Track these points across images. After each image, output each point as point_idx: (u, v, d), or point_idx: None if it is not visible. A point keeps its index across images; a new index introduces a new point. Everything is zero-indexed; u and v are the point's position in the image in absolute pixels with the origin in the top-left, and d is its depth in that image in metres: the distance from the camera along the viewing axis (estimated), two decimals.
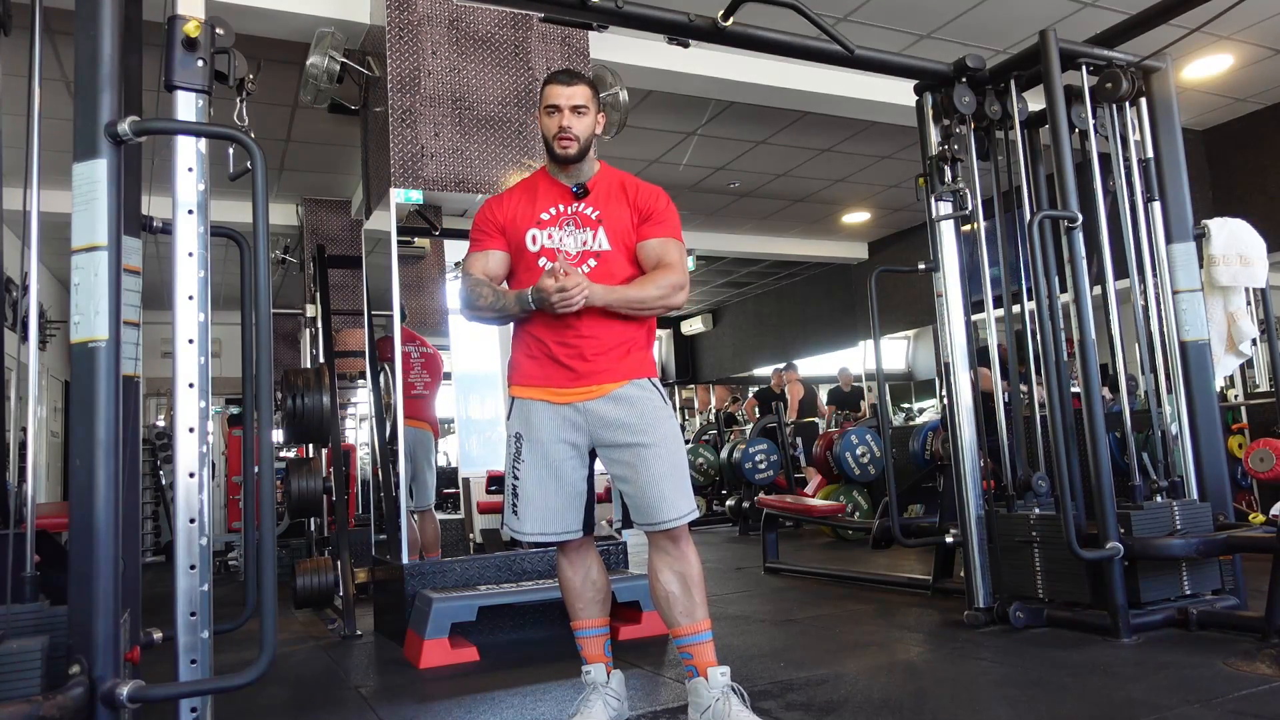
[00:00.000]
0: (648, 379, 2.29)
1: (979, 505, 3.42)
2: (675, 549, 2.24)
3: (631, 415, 2.22)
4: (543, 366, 2.27)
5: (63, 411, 9.13)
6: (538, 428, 2.25)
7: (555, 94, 2.26)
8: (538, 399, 2.27)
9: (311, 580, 4.15)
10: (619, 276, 2.27)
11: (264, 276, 1.96)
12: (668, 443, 2.23)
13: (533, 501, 2.24)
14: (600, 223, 2.29)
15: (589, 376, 2.23)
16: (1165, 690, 2.36)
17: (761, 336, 13.34)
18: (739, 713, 2.10)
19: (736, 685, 2.17)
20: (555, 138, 2.26)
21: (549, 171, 2.37)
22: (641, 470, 2.19)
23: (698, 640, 2.19)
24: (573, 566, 2.33)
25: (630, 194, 2.33)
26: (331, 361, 4.91)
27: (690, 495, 2.25)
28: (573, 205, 2.30)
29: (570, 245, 2.28)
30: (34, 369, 2.27)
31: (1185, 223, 3.48)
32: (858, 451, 6.61)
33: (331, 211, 7.27)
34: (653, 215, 2.31)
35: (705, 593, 2.25)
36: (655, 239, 2.30)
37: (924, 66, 3.55)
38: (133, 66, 2.20)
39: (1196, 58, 5.97)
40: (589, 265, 2.26)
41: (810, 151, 7.43)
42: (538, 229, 2.29)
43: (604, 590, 2.35)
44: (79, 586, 1.62)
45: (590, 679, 2.28)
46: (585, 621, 2.33)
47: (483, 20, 4.13)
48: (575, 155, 2.27)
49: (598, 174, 2.36)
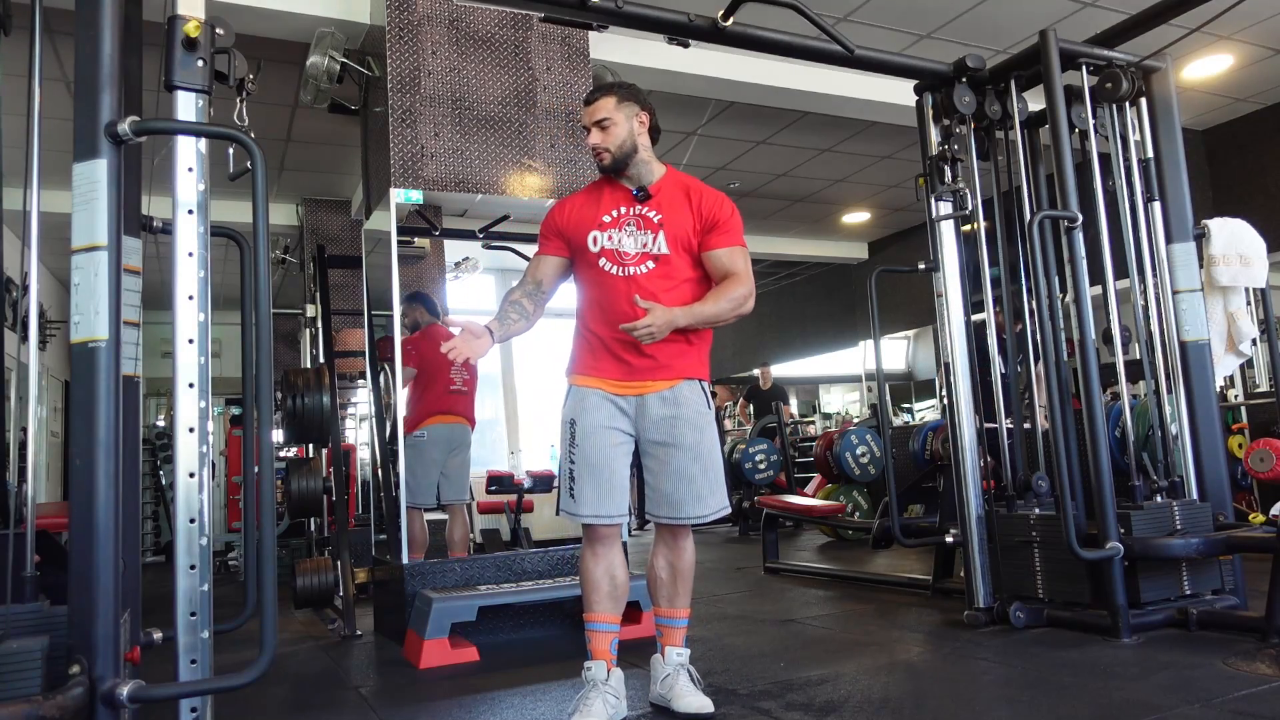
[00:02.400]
0: (699, 381, 2.41)
1: (979, 505, 3.42)
2: (675, 542, 2.42)
3: (678, 417, 2.34)
4: (599, 360, 2.38)
5: (63, 411, 9.13)
6: (591, 414, 2.35)
7: (585, 115, 2.40)
8: (594, 388, 2.37)
9: (311, 580, 4.15)
10: (677, 278, 2.37)
11: (264, 276, 1.96)
12: (704, 447, 2.36)
13: (588, 485, 2.32)
14: (661, 226, 2.36)
15: (644, 373, 2.35)
16: (1165, 690, 2.36)
17: (761, 336, 13.33)
18: (685, 687, 2.34)
19: (691, 668, 2.39)
20: (593, 154, 2.39)
21: (611, 177, 2.46)
22: (675, 469, 2.33)
23: (672, 624, 2.42)
24: (596, 558, 2.37)
25: (695, 200, 2.40)
26: (331, 361, 4.91)
27: (722, 492, 2.40)
28: (635, 208, 2.39)
29: (629, 246, 2.36)
30: (34, 369, 2.27)
31: (1185, 223, 3.48)
32: (858, 451, 6.61)
33: (331, 211, 7.27)
34: (719, 224, 2.39)
35: (691, 586, 2.43)
36: (723, 249, 2.39)
37: (924, 66, 3.55)
38: (133, 66, 2.20)
39: (1196, 58, 5.97)
40: (648, 266, 2.35)
41: (810, 151, 7.43)
42: (599, 230, 2.38)
43: (622, 588, 2.40)
44: (79, 586, 1.62)
45: (591, 675, 2.32)
46: (598, 615, 2.37)
47: (483, 20, 4.13)
48: (611, 165, 2.38)
49: (663, 177, 2.44)
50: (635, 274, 2.33)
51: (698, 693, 2.34)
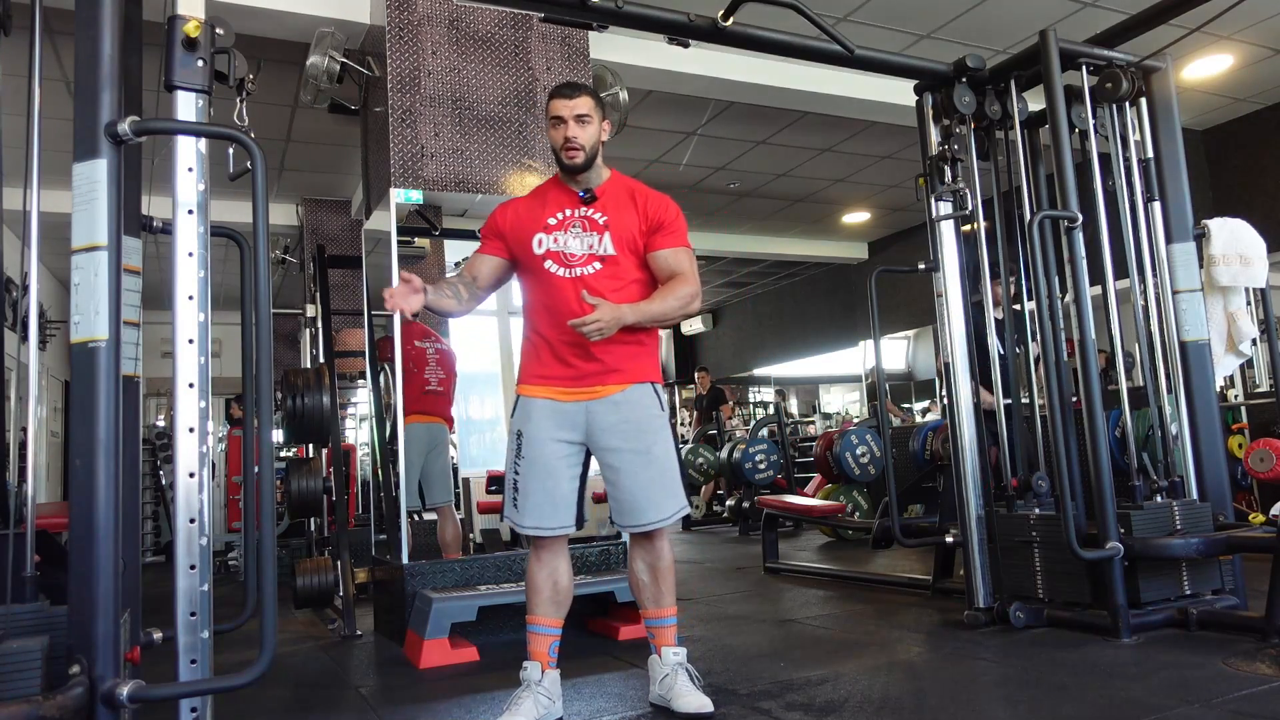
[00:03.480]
0: (650, 384, 2.40)
1: (979, 505, 3.42)
2: (650, 545, 2.43)
3: (628, 422, 2.34)
4: (548, 367, 2.38)
5: (63, 411, 9.13)
6: (538, 426, 2.36)
7: (558, 106, 2.36)
8: (541, 397, 2.38)
9: (311, 580, 4.14)
10: (624, 279, 2.37)
11: (264, 276, 1.96)
12: (658, 450, 2.35)
13: (532, 496, 2.34)
14: (607, 228, 2.37)
15: (593, 377, 2.35)
16: (1165, 690, 2.36)
17: (761, 336, 13.34)
18: (684, 686, 2.34)
19: (689, 666, 2.40)
20: (562, 148, 2.36)
21: (560, 179, 2.47)
22: (629, 476, 2.33)
23: (661, 623, 2.44)
24: (541, 564, 2.40)
25: (640, 202, 2.41)
26: (331, 361, 4.91)
27: (680, 495, 2.39)
28: (580, 210, 2.39)
29: (576, 248, 2.36)
30: (34, 369, 2.27)
31: (1185, 223, 3.48)
32: (858, 451, 6.61)
33: (331, 211, 7.27)
34: (664, 225, 2.41)
35: (673, 583, 2.45)
36: (668, 249, 2.41)
37: (924, 66, 3.55)
38: (133, 66, 2.20)
39: (1196, 58, 5.97)
40: (594, 267, 2.36)
41: (810, 151, 7.43)
42: (544, 233, 2.38)
43: (565, 593, 2.42)
44: (79, 586, 1.62)
45: (525, 675, 2.34)
46: (539, 618, 2.39)
47: (483, 20, 4.13)
48: (582, 164, 2.37)
49: (607, 180, 2.45)
50: (582, 275, 2.34)
51: (697, 692, 2.34)
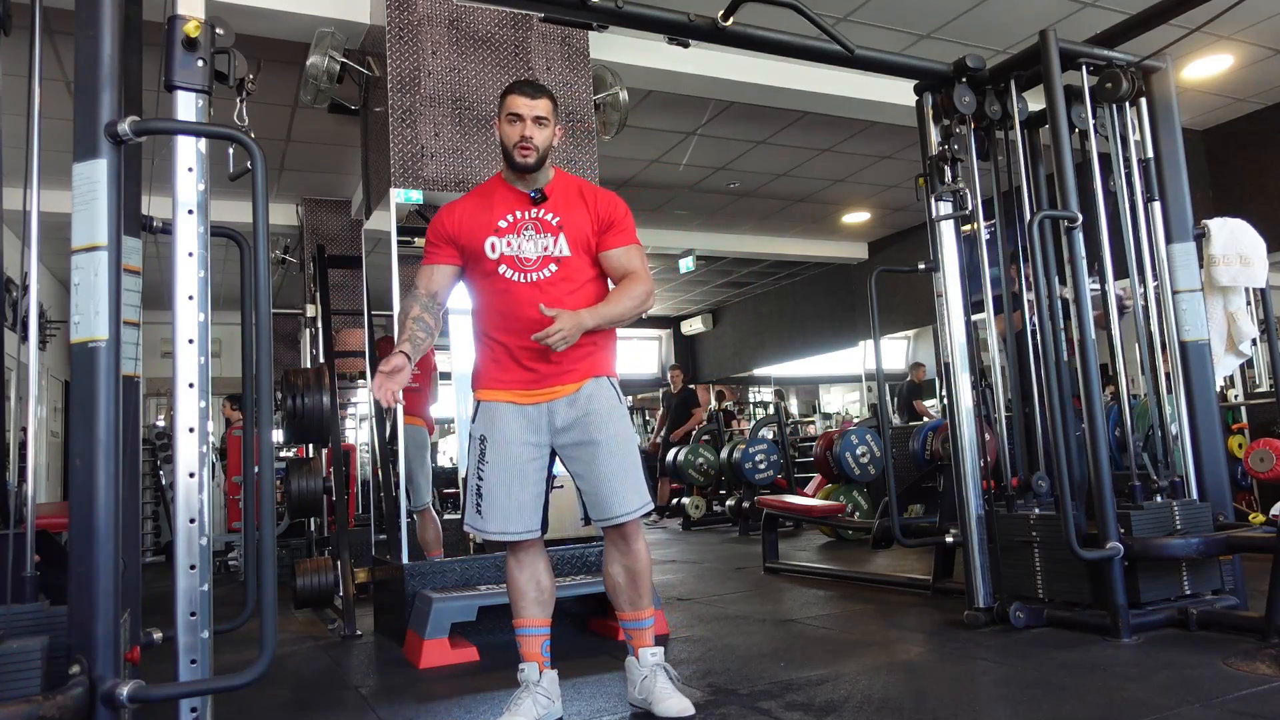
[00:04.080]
0: (606, 378, 2.40)
1: (979, 505, 3.41)
2: (626, 545, 2.39)
3: (588, 414, 2.34)
4: (506, 370, 2.36)
5: (63, 411, 9.12)
6: (501, 429, 2.35)
7: (518, 104, 2.33)
8: (502, 401, 2.36)
9: (311, 580, 4.15)
10: (579, 280, 2.36)
11: (264, 276, 1.95)
12: (618, 441, 2.34)
13: (496, 501, 2.33)
14: (561, 229, 2.35)
15: (551, 378, 2.34)
16: (1165, 690, 2.36)
17: (761, 336, 13.34)
18: (663, 687, 2.33)
19: (667, 665, 2.39)
20: (516, 146, 2.32)
21: (505, 179, 2.42)
22: (594, 467, 2.32)
23: (638, 625, 2.41)
24: (520, 567, 2.40)
25: (589, 201, 2.40)
26: (331, 361, 4.91)
27: (643, 491, 2.37)
28: (531, 211, 2.36)
29: (530, 251, 2.34)
30: (34, 369, 2.27)
31: (1185, 223, 3.48)
32: (858, 451, 6.61)
33: (331, 211, 7.27)
34: (614, 224, 2.40)
35: (650, 585, 2.44)
36: (620, 248, 2.40)
37: (924, 66, 3.55)
38: (133, 66, 2.20)
39: (1196, 58, 5.97)
40: (550, 270, 2.34)
41: (810, 151, 7.43)
42: (496, 236, 2.34)
43: (548, 592, 2.42)
44: (79, 586, 1.62)
45: (523, 677, 2.34)
46: (526, 620, 2.39)
47: (483, 20, 4.13)
48: (534, 164, 2.34)
49: (553, 180, 2.42)
50: (539, 279, 2.32)
51: (677, 693, 2.33)
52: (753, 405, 14.37)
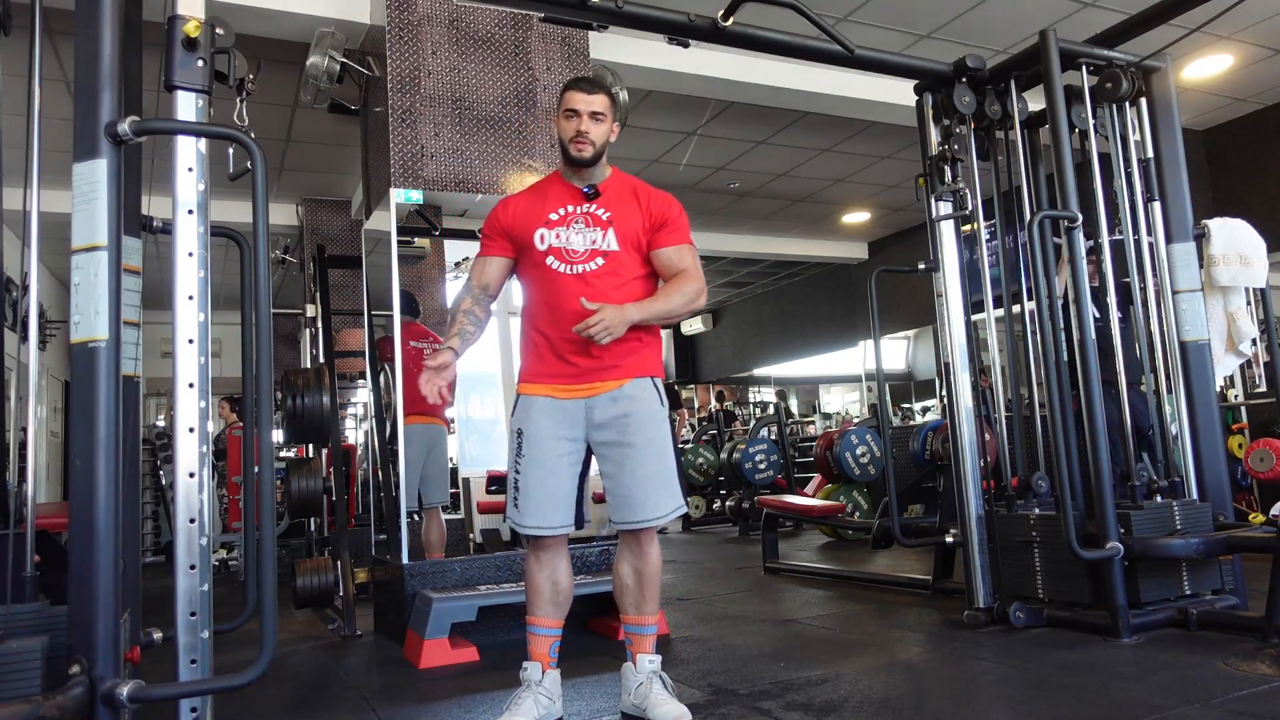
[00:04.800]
0: (650, 379, 2.38)
1: (979, 505, 3.41)
2: (639, 547, 2.38)
3: (628, 416, 2.31)
4: (548, 364, 2.35)
5: (63, 411, 9.12)
6: (538, 424, 2.33)
7: (575, 99, 2.35)
8: (541, 395, 2.35)
9: (311, 580, 4.15)
10: (626, 276, 2.36)
11: (264, 276, 1.96)
12: (655, 446, 2.32)
13: (533, 496, 2.30)
14: (611, 224, 2.36)
15: (594, 374, 2.32)
16: (1165, 690, 2.36)
17: (761, 336, 13.33)
18: (660, 695, 2.29)
19: (663, 674, 2.35)
20: (572, 140, 2.34)
21: (562, 174, 2.45)
22: (625, 469, 2.30)
23: (640, 630, 2.39)
24: (540, 565, 2.37)
25: (643, 200, 2.41)
26: (331, 361, 4.91)
27: (677, 494, 2.35)
28: (583, 206, 2.37)
29: (578, 244, 2.34)
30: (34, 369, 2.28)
31: (1185, 223, 3.48)
32: (858, 451, 6.61)
33: (331, 211, 7.27)
34: (667, 223, 2.41)
35: (658, 591, 2.40)
36: (671, 247, 2.41)
37: (924, 66, 3.55)
38: (133, 66, 2.20)
39: (1196, 58, 5.97)
40: (596, 264, 2.34)
41: (810, 151, 7.42)
42: (546, 228, 2.36)
43: (565, 594, 2.39)
44: (79, 586, 1.62)
45: (526, 676, 2.33)
46: (540, 619, 2.36)
47: (483, 20, 4.13)
48: (590, 159, 2.35)
49: (609, 178, 2.44)
50: (584, 271, 2.32)
51: (673, 700, 2.29)
52: (753, 405, 14.36)
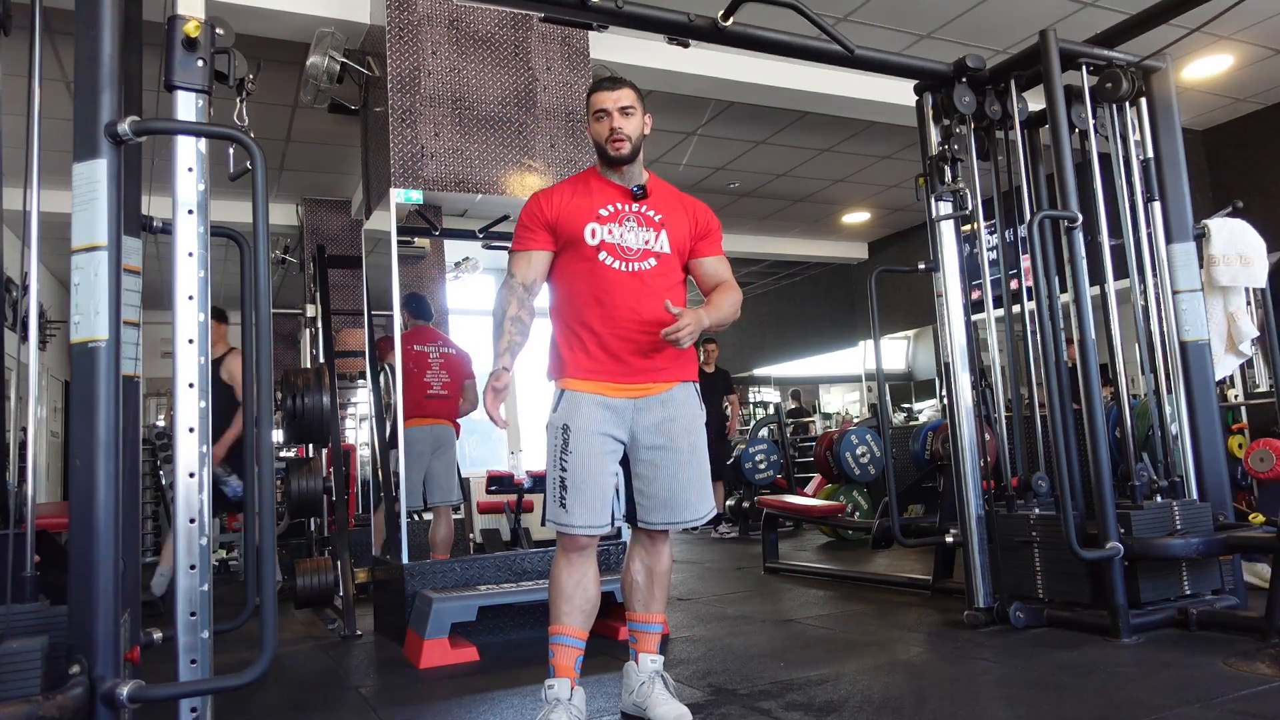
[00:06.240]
0: (692, 384, 2.40)
1: (979, 505, 3.41)
2: (655, 547, 2.38)
3: (673, 420, 2.32)
4: (596, 360, 2.30)
5: (63, 411, 9.13)
6: (588, 418, 2.26)
7: (602, 99, 2.33)
8: (590, 392, 2.29)
9: (311, 580, 4.14)
10: (673, 279, 2.39)
11: (264, 276, 1.95)
12: (696, 450, 2.35)
13: (584, 494, 2.21)
14: (663, 226, 2.37)
15: (643, 374, 2.31)
16: (1165, 690, 2.36)
17: (761, 336, 13.34)
18: (661, 695, 2.28)
19: (665, 674, 2.34)
20: (608, 140, 2.32)
21: (600, 172, 2.41)
22: (668, 473, 2.30)
23: (646, 629, 2.38)
24: (572, 569, 2.26)
25: (688, 208, 2.44)
26: (331, 361, 4.91)
27: (709, 497, 2.38)
28: (633, 205, 2.36)
29: (632, 242, 2.33)
30: (34, 369, 2.27)
31: (1185, 223, 3.48)
32: (858, 451, 6.61)
33: (331, 211, 7.27)
34: (710, 233, 2.45)
35: (667, 591, 2.40)
36: (714, 257, 2.46)
37: (924, 66, 3.55)
38: (133, 66, 2.20)
39: (1196, 58, 5.97)
40: (650, 263, 2.34)
41: (810, 151, 7.43)
42: (597, 223, 2.33)
43: (593, 602, 2.28)
44: (79, 586, 1.62)
45: (553, 694, 2.19)
46: (566, 628, 2.24)
47: (483, 20, 4.13)
48: (629, 155, 2.34)
49: (650, 180, 2.43)
50: (639, 270, 2.31)
51: (674, 701, 2.27)
52: (753, 405, 14.35)
